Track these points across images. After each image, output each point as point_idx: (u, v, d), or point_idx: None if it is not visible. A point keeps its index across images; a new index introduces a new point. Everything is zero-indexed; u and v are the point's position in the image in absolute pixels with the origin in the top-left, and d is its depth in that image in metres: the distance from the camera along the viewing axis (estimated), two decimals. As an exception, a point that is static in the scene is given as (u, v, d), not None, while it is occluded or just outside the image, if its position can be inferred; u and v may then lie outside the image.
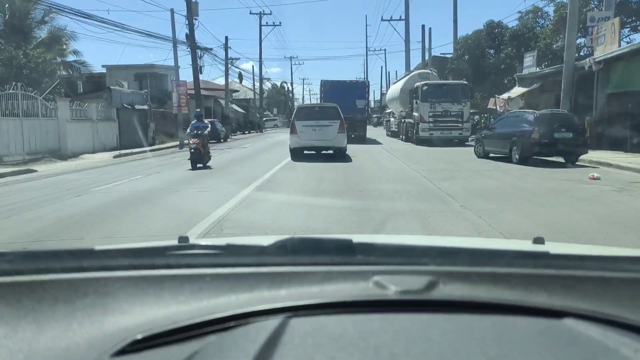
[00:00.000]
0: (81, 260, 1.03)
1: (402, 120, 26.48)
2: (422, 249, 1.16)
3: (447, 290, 0.87)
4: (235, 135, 42.37)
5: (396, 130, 29.29)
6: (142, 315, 0.84)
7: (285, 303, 0.82)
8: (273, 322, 0.76)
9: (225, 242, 1.17)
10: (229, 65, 38.52)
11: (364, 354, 0.67)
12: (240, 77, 55.24)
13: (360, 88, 27.27)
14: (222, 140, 30.00)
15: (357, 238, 1.14)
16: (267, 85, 73.59)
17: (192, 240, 1.32)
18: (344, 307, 0.82)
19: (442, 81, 24.81)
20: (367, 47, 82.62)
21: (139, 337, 0.76)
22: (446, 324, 0.76)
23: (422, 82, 22.56)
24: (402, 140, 25.97)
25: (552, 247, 1.27)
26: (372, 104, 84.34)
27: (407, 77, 26.42)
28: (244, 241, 1.40)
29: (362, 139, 24.90)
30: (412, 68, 31.80)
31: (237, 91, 62.40)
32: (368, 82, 31.20)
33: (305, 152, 15.58)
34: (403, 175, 11.36)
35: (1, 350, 0.75)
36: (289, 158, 15.44)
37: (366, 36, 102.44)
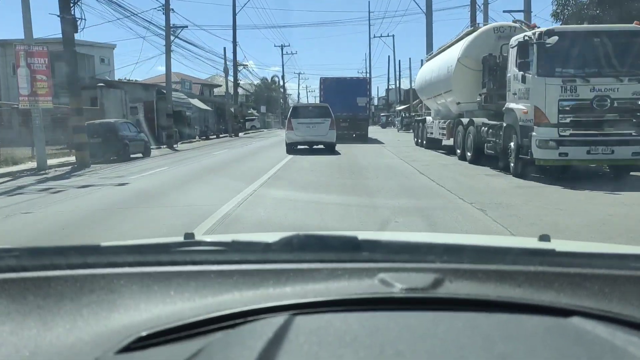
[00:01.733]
0: (87, 256, 1.03)
1: (462, 122, 13.56)
2: (427, 246, 1.16)
3: (453, 288, 0.88)
4: (193, 141, 30.89)
5: (439, 137, 16.41)
6: (148, 312, 0.85)
7: (291, 300, 0.83)
8: (278, 319, 0.77)
9: (230, 239, 1.17)
10: (172, 38, 25.46)
11: (369, 351, 0.68)
12: (227, 70, 43.96)
13: (361, 85, 25.91)
14: (126, 158, 16.81)
15: (362, 235, 1.12)
16: (251, 79, 62.87)
17: (197, 237, 1.31)
18: (349, 305, 0.82)
19: (590, 26, 11.38)
20: (370, 36, 71.62)
21: (144, 334, 0.76)
22: (452, 322, 0.77)
23: (542, 30, 9.53)
24: (466, 160, 13.13)
25: (558, 245, 1.29)
26: (375, 101, 72.08)
27: (472, 38, 13.74)
28: (249, 238, 1.39)
29: (364, 138, 24.43)
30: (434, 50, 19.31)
31: (219, 86, 52.76)
32: (370, 79, 30.67)
33: (299, 146, 17.28)
34: None
35: (7, 347, 0.77)
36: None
37: (369, 25, 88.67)
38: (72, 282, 0.92)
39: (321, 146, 16.95)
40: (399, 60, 79.22)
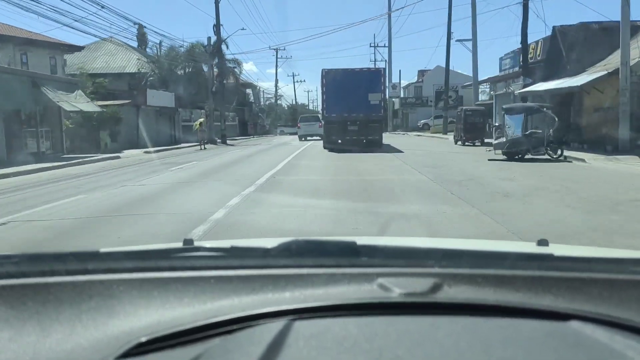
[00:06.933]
0: (86, 262, 1.04)
1: None
2: (426, 251, 1.19)
3: (452, 293, 0.90)
4: None
5: None
6: (147, 317, 0.86)
7: (290, 306, 0.84)
8: (277, 324, 0.78)
9: (229, 244, 1.20)
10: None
11: (368, 356, 0.69)
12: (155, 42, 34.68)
13: (374, 78, 21.28)
14: None
15: (361, 240, 1.17)
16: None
17: (196, 243, 1.35)
18: (348, 310, 0.83)
19: None
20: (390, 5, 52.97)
21: (143, 340, 0.77)
22: (451, 327, 0.78)
23: None
24: None
25: (557, 249, 1.31)
26: (401, 92, 54.27)
27: None
28: (248, 243, 1.47)
29: (377, 145, 20.34)
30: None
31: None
32: (384, 69, 26.46)
33: (306, 138, 32.47)
34: None
35: (6, 353, 0.77)
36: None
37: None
38: (71, 288, 0.94)
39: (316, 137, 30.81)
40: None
